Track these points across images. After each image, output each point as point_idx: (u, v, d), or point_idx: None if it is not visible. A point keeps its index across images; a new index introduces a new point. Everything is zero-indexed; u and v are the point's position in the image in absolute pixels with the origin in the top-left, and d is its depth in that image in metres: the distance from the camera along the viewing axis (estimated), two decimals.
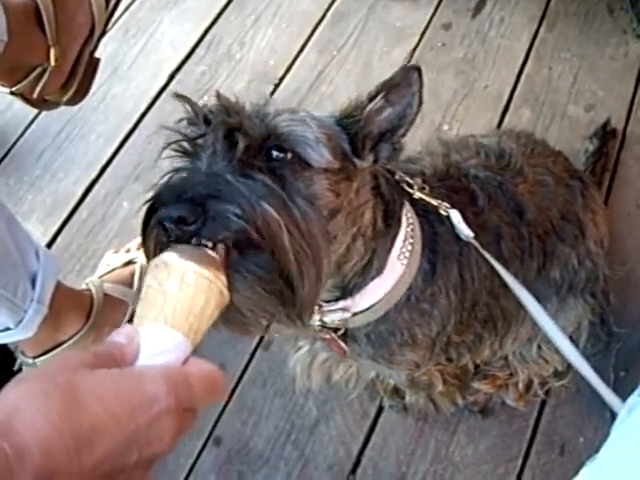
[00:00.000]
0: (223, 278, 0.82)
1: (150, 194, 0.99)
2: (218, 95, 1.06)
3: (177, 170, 1.05)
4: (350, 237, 1.13)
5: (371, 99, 1.10)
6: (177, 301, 0.77)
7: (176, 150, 1.08)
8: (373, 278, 1.21)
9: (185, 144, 1.07)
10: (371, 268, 1.20)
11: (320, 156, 1.04)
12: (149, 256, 0.97)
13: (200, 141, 1.04)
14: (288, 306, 0.99)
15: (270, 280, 0.95)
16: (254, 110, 1.05)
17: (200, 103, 2.31)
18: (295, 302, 0.99)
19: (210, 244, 0.89)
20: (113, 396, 0.65)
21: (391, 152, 1.13)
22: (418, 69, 1.06)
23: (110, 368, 0.69)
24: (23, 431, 0.60)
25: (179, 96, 1.10)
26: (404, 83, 1.07)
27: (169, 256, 0.81)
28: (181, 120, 1.09)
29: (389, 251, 1.21)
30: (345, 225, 1.10)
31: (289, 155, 1.02)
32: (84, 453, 0.62)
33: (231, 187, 0.93)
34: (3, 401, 0.63)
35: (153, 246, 0.96)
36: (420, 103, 1.08)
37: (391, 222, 1.21)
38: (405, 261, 1.23)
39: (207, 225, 0.89)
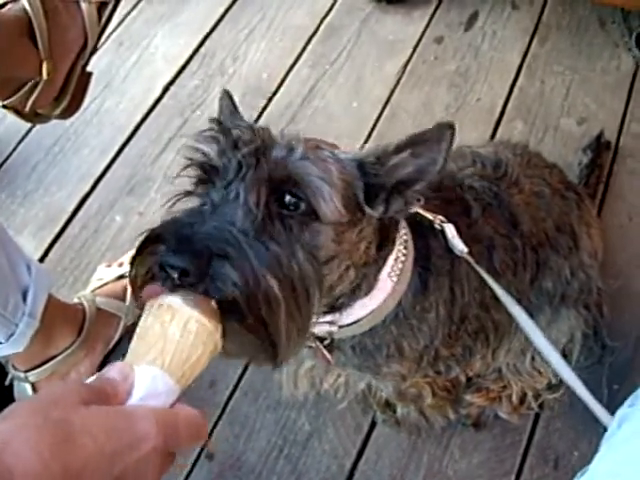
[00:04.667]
0: (220, 330, 0.83)
1: (156, 223, 0.97)
2: (258, 130, 1.03)
3: (189, 193, 1.04)
4: (344, 268, 1.11)
5: (398, 151, 1.05)
6: (177, 347, 0.78)
7: (195, 169, 1.05)
8: (361, 297, 1.20)
9: (205, 166, 1.03)
10: (360, 290, 1.19)
11: (332, 211, 1.01)
12: (136, 280, 0.96)
13: (217, 162, 1.01)
14: (267, 354, 0.99)
15: (252, 332, 0.95)
16: (284, 146, 1.01)
17: (193, 117, 2.33)
18: (276, 354, 0.98)
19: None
20: (104, 434, 0.65)
21: (402, 206, 1.09)
22: (452, 127, 1.01)
23: (103, 404, 0.70)
24: (12, 465, 0.60)
25: (215, 122, 1.07)
26: (435, 139, 1.02)
27: (174, 300, 0.82)
28: (205, 134, 1.05)
29: (379, 271, 1.20)
30: (340, 262, 1.08)
31: (302, 206, 0.99)
32: None
33: (241, 253, 0.91)
34: None
35: (144, 272, 0.95)
36: (444, 162, 1.03)
37: (384, 248, 1.19)
38: (395, 278, 1.22)
39: (204, 282, 0.88)
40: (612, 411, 1.19)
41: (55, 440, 0.62)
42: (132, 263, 0.98)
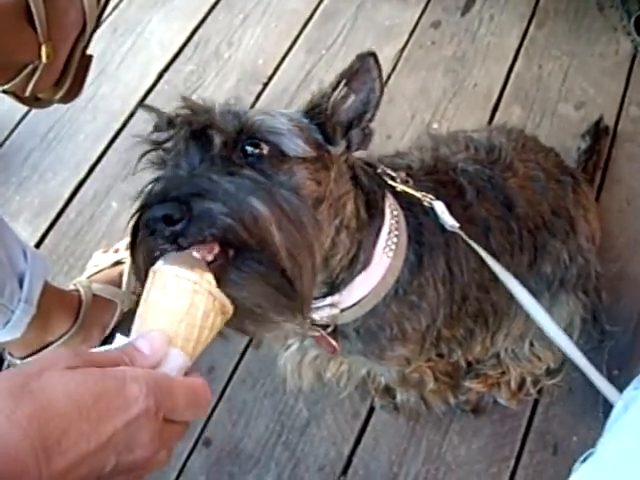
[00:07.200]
0: (208, 277, 0.81)
1: (136, 205, 0.99)
2: (184, 98, 1.08)
3: (158, 179, 1.04)
4: (334, 229, 1.13)
5: (334, 88, 1.10)
6: (176, 313, 0.77)
7: (153, 162, 1.08)
8: (360, 272, 1.21)
9: (162, 153, 1.06)
10: (358, 261, 1.20)
11: (296, 145, 1.04)
12: (139, 269, 0.97)
13: (169, 145, 1.04)
14: (289, 300, 0.98)
15: (268, 275, 0.94)
16: (224, 108, 1.05)
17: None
18: (295, 295, 0.98)
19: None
20: (90, 398, 0.64)
21: (362, 137, 1.14)
22: (373, 54, 1.08)
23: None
24: None
25: (144, 106, 1.13)
26: (363, 70, 1.09)
27: (159, 265, 0.82)
28: (153, 130, 1.10)
29: (374, 244, 1.21)
30: (329, 216, 1.10)
31: (265, 149, 1.02)
32: (54, 458, 0.60)
33: (216, 185, 0.92)
34: None
35: (142, 258, 0.95)
36: (382, 87, 1.10)
37: (374, 213, 1.21)
38: (391, 254, 1.22)
39: (193, 223, 0.88)
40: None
41: (33, 407, 0.61)
42: (132, 254, 0.99)
